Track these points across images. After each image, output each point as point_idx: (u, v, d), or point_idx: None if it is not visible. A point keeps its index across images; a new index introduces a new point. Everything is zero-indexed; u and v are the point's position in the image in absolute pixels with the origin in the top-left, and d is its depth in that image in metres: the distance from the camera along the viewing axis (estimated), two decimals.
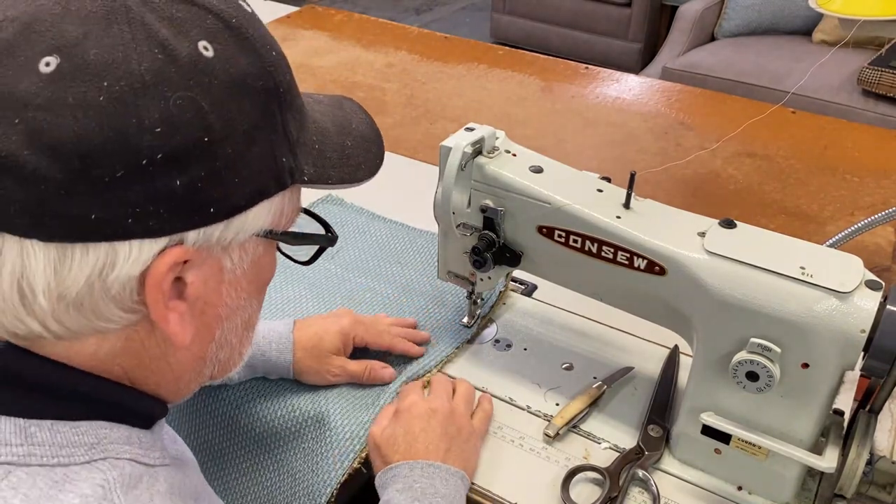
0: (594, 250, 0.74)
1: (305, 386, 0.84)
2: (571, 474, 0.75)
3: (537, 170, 0.78)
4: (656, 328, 0.79)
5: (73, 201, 0.40)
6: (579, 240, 0.75)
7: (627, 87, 1.61)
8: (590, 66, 1.69)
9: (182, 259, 0.44)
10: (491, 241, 0.80)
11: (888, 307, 0.62)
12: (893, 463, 0.69)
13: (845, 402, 0.77)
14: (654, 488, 0.74)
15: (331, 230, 0.57)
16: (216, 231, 0.45)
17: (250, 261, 0.50)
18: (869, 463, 0.69)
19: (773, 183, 1.28)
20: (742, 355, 0.66)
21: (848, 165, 1.32)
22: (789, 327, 0.64)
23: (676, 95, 1.58)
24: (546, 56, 1.79)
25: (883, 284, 0.64)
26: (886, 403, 0.69)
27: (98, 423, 0.47)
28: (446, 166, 0.78)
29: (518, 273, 0.94)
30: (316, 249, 0.59)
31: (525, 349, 0.92)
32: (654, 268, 0.71)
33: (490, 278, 0.86)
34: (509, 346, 0.92)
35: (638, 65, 3.45)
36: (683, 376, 0.84)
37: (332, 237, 0.57)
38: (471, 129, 0.79)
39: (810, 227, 1.16)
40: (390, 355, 0.87)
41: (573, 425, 0.81)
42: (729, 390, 0.70)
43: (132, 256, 0.43)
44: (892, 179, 1.28)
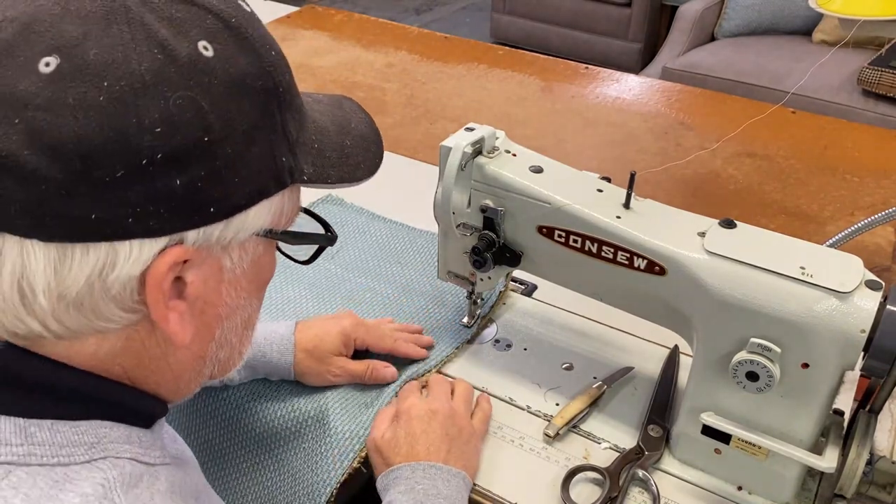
0: (594, 250, 0.74)
1: (305, 386, 0.84)
2: (571, 474, 0.76)
3: (537, 170, 0.78)
4: (656, 328, 0.79)
5: (74, 201, 0.40)
6: (579, 240, 0.75)
7: (627, 87, 1.61)
8: (590, 66, 1.69)
9: (182, 259, 0.44)
10: (491, 241, 0.80)
11: (888, 307, 0.62)
12: (893, 463, 0.69)
13: (845, 402, 0.77)
14: (654, 488, 0.74)
15: (330, 229, 0.58)
16: (216, 230, 0.45)
17: (250, 260, 0.50)
18: (869, 463, 0.69)
19: (773, 183, 1.28)
20: (742, 355, 0.66)
21: (848, 165, 1.32)
22: (789, 327, 0.64)
23: (676, 95, 1.58)
24: (546, 56, 1.79)
25: (883, 284, 0.64)
26: (886, 403, 0.69)
27: (98, 423, 0.48)
28: (446, 166, 0.78)
29: (518, 273, 0.94)
30: (315, 249, 0.60)
31: (525, 349, 0.92)
32: (654, 268, 0.71)
33: (490, 278, 0.86)
34: (509, 346, 0.92)
35: (638, 65, 3.45)
36: (683, 376, 0.84)
37: (332, 236, 0.57)
38: (471, 129, 0.79)
39: (810, 227, 1.16)
40: (392, 356, 0.87)
41: (573, 425, 0.81)
42: (729, 390, 0.70)
43: (132, 256, 0.43)
44: (892, 179, 1.28)
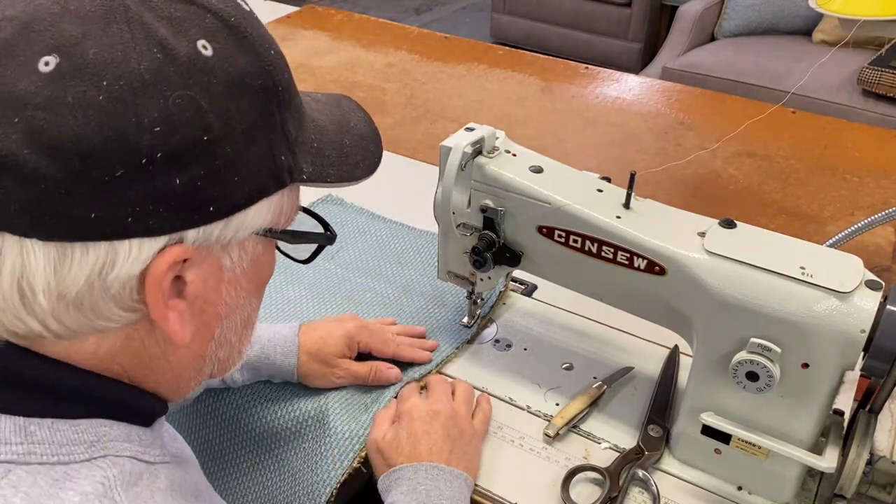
0: (594, 250, 0.74)
1: (306, 386, 0.84)
2: (571, 474, 0.75)
3: (537, 170, 0.78)
4: (656, 328, 0.79)
5: (73, 201, 0.40)
6: (579, 240, 0.75)
7: (627, 87, 1.61)
8: (590, 66, 1.69)
9: (182, 258, 0.44)
10: (491, 241, 0.80)
11: (888, 307, 0.62)
12: (893, 463, 0.69)
13: (845, 402, 0.77)
14: (654, 488, 0.74)
15: (329, 228, 0.58)
16: (216, 230, 0.45)
17: (250, 259, 0.50)
18: (869, 463, 0.69)
19: (773, 183, 1.28)
20: (742, 355, 0.66)
21: (848, 165, 1.32)
22: (789, 327, 0.64)
23: (676, 95, 1.58)
24: (546, 56, 1.79)
25: (883, 284, 0.64)
26: (886, 403, 0.69)
27: (98, 421, 0.48)
28: (446, 166, 0.78)
29: (518, 273, 0.94)
30: (315, 248, 0.60)
31: (525, 349, 0.92)
32: (654, 268, 0.71)
33: (490, 278, 0.86)
34: (509, 346, 0.92)
35: (638, 65, 3.45)
36: (683, 376, 0.84)
37: (331, 235, 0.57)
38: (471, 129, 0.79)
39: (810, 227, 1.16)
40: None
41: (573, 425, 0.81)
42: (729, 390, 0.70)
43: (132, 255, 0.43)
44: (892, 179, 1.28)
